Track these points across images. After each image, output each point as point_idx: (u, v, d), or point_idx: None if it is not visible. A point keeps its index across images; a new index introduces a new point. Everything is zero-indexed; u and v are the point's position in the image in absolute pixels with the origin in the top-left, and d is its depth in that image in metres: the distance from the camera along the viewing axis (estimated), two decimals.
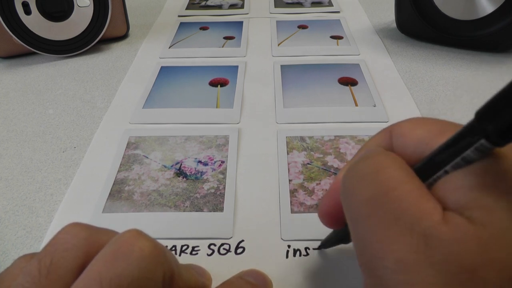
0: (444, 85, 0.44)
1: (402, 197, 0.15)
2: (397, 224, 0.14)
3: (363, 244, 0.15)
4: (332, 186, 0.20)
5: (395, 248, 0.14)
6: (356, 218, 0.16)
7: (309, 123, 0.38)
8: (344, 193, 0.17)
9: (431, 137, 0.17)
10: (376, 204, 0.15)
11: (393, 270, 0.14)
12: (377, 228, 0.15)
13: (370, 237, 0.15)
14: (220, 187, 0.31)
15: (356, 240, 0.16)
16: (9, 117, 0.41)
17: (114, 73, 0.48)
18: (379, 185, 0.15)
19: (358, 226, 0.16)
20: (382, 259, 0.14)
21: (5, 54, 0.50)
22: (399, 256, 0.14)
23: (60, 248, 0.17)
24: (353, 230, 0.16)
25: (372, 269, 0.15)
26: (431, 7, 0.48)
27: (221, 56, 0.50)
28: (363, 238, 0.15)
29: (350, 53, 0.50)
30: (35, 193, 0.32)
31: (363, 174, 0.16)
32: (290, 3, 0.64)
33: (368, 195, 0.15)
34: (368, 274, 0.15)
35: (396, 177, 0.15)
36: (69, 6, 0.48)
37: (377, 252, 0.14)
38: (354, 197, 0.16)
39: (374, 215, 0.15)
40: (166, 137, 0.36)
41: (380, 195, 0.15)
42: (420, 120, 0.18)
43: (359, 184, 0.16)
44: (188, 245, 0.27)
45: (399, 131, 0.18)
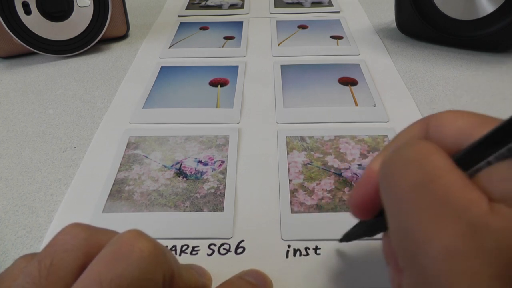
0: (444, 85, 0.44)
1: (449, 185, 0.14)
2: (444, 212, 0.14)
3: (405, 231, 0.15)
4: (365, 175, 0.20)
5: (441, 235, 0.14)
6: (399, 204, 0.16)
7: (309, 123, 0.38)
8: (386, 179, 0.17)
9: (472, 128, 0.17)
10: (422, 191, 0.15)
11: (438, 258, 0.13)
12: (423, 214, 0.14)
13: (414, 224, 0.15)
14: (220, 187, 0.31)
15: (396, 227, 0.16)
16: (9, 117, 0.41)
17: (114, 73, 0.48)
18: (425, 172, 0.15)
19: (402, 212, 0.15)
20: (427, 246, 0.14)
21: (5, 54, 0.50)
22: (446, 243, 0.13)
23: (60, 249, 0.17)
24: (394, 217, 0.16)
25: (414, 257, 0.14)
26: (431, 7, 0.48)
27: (221, 56, 0.50)
28: (406, 225, 0.15)
29: (350, 53, 0.50)
30: (35, 193, 0.32)
31: (408, 160, 0.16)
32: (290, 3, 0.64)
33: (414, 181, 0.15)
34: (407, 263, 0.15)
35: (441, 165, 0.15)
36: (69, 6, 0.48)
37: (421, 239, 0.14)
38: (398, 182, 0.16)
39: (420, 201, 0.15)
40: (166, 137, 0.36)
41: (427, 182, 0.15)
42: (459, 112, 0.18)
43: (404, 170, 0.16)
44: (188, 245, 0.27)
45: (437, 121, 0.18)
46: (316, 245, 0.27)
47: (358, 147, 0.35)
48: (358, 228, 0.23)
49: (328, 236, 0.27)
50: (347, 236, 0.25)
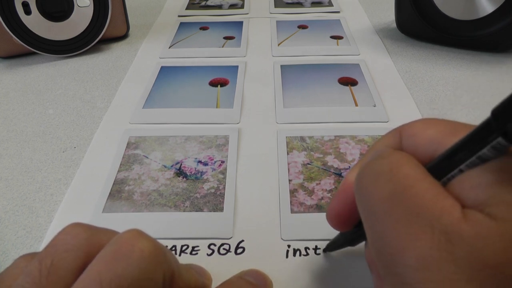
0: (444, 85, 0.44)
1: (420, 194, 0.15)
2: (416, 222, 0.14)
3: (381, 242, 0.15)
4: (341, 187, 0.20)
5: (416, 245, 0.14)
6: (374, 216, 0.16)
7: (309, 123, 0.38)
8: (360, 191, 0.17)
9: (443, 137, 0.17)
10: (394, 202, 0.15)
11: (414, 268, 0.14)
12: (397, 225, 0.15)
13: (389, 235, 0.15)
14: (220, 187, 0.31)
15: (373, 239, 0.16)
16: (9, 117, 0.41)
17: (114, 73, 0.48)
18: (396, 183, 0.15)
19: (376, 224, 0.15)
20: (402, 257, 0.14)
21: (5, 54, 0.50)
22: (420, 253, 0.14)
23: (61, 249, 0.17)
24: (370, 229, 0.16)
25: (391, 267, 0.15)
26: (431, 7, 0.48)
27: (221, 56, 0.50)
28: (381, 236, 0.15)
29: (350, 53, 0.50)
30: (35, 193, 0.32)
31: (379, 172, 0.16)
32: (290, 3, 0.64)
33: (386, 193, 0.15)
34: (386, 272, 0.15)
35: (412, 175, 0.15)
36: (69, 6, 0.48)
37: (397, 249, 0.14)
38: (371, 195, 0.16)
39: (393, 213, 0.15)
40: (166, 137, 0.36)
41: (398, 192, 0.15)
42: (430, 120, 0.18)
43: (376, 183, 0.16)
44: (188, 245, 0.27)
45: (409, 131, 0.18)
46: (316, 245, 0.27)
47: (358, 147, 0.35)
48: (339, 238, 0.24)
49: (328, 236, 0.27)
50: (330, 246, 0.25)
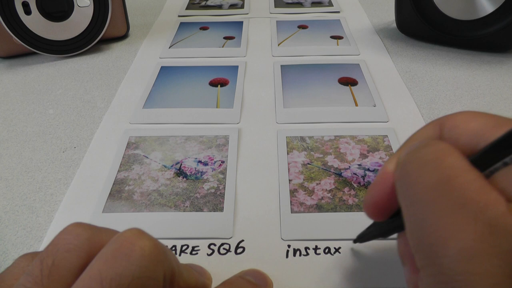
0: (444, 85, 0.44)
1: (466, 185, 0.14)
2: (461, 212, 0.14)
3: (423, 231, 0.15)
4: (380, 177, 0.20)
5: (459, 236, 0.14)
6: (417, 204, 0.16)
7: (309, 123, 0.38)
8: (402, 179, 0.17)
9: (486, 130, 0.17)
10: (439, 191, 0.15)
11: (456, 259, 0.14)
12: (441, 215, 0.14)
13: (432, 224, 0.15)
14: (220, 187, 0.31)
15: (414, 228, 0.16)
16: (9, 117, 0.41)
17: (114, 73, 0.48)
18: (442, 172, 0.15)
19: (419, 213, 0.15)
20: (444, 247, 0.14)
21: (5, 54, 0.50)
22: (463, 244, 0.14)
23: (62, 248, 0.17)
24: (412, 217, 0.16)
25: (432, 257, 0.15)
26: (431, 7, 0.48)
27: (221, 56, 0.50)
28: (424, 225, 0.15)
29: (350, 53, 0.50)
30: (35, 193, 0.32)
31: (425, 160, 0.16)
32: (290, 3, 0.64)
33: (431, 182, 0.15)
34: (425, 263, 0.15)
35: (458, 165, 0.15)
36: (69, 6, 0.48)
37: (439, 239, 0.14)
38: (415, 183, 0.16)
39: (437, 202, 0.15)
40: (166, 137, 0.36)
41: (444, 182, 0.15)
42: (473, 113, 0.18)
43: (421, 171, 0.16)
44: (188, 245, 0.27)
45: (451, 123, 0.18)
46: (316, 245, 0.27)
47: (358, 147, 0.35)
48: (372, 229, 0.23)
49: (328, 236, 0.27)
50: (361, 237, 0.25)
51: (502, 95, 0.42)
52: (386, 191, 0.19)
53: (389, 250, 0.26)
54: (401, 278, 0.25)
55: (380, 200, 0.20)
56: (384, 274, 0.25)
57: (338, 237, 0.27)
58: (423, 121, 0.38)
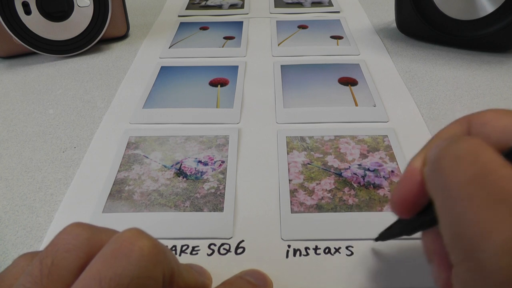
0: (444, 85, 0.44)
1: (504, 179, 0.15)
2: (501, 206, 0.14)
3: (460, 226, 0.15)
4: (406, 174, 0.20)
5: (500, 229, 0.14)
6: (453, 199, 0.16)
7: (309, 123, 0.38)
8: (436, 173, 0.17)
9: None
10: (478, 185, 0.15)
11: (497, 253, 0.13)
12: (480, 209, 0.14)
13: (470, 218, 0.15)
14: (220, 187, 0.31)
15: (451, 222, 0.16)
16: (9, 117, 0.41)
17: (114, 73, 0.48)
18: (480, 166, 0.15)
19: (456, 207, 0.15)
20: (484, 241, 0.14)
21: (5, 54, 0.50)
22: (504, 237, 0.13)
23: (62, 248, 0.17)
24: (448, 212, 0.16)
25: (471, 251, 0.14)
26: (431, 7, 0.48)
27: (221, 56, 0.50)
28: (461, 220, 0.15)
29: (350, 53, 0.50)
30: (35, 193, 0.32)
31: (461, 155, 0.16)
32: (290, 3, 0.64)
33: (468, 176, 0.15)
34: (463, 258, 0.15)
35: (495, 160, 0.15)
36: (69, 6, 0.48)
37: (479, 233, 0.14)
38: (452, 178, 0.16)
39: (476, 196, 0.15)
40: (166, 137, 0.36)
41: (482, 176, 0.15)
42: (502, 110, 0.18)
43: (457, 165, 0.16)
44: (188, 245, 0.27)
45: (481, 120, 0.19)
46: (316, 245, 0.27)
47: (358, 147, 0.35)
48: (395, 227, 0.23)
49: (328, 236, 0.27)
50: (383, 235, 0.25)
51: (502, 95, 0.42)
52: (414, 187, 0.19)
53: (389, 250, 0.26)
54: (401, 277, 0.25)
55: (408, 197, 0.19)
56: (385, 274, 0.25)
57: (338, 237, 0.27)
58: (423, 121, 0.38)
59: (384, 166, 0.32)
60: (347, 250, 0.26)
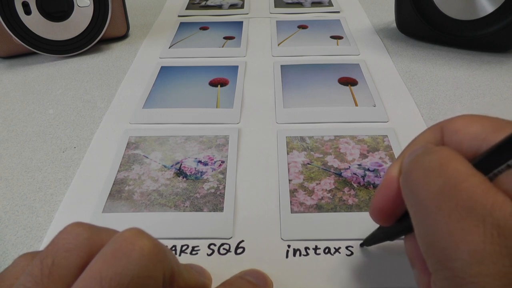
0: (444, 85, 0.44)
1: (472, 189, 0.15)
2: (469, 216, 0.14)
3: (433, 237, 0.15)
4: (384, 183, 0.20)
5: (469, 239, 0.14)
6: (424, 210, 0.16)
7: (309, 123, 0.38)
8: (409, 186, 0.17)
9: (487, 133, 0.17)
10: (446, 196, 0.15)
11: (468, 262, 0.14)
12: (449, 220, 0.15)
13: (441, 229, 0.15)
14: (220, 187, 0.31)
15: (424, 233, 0.16)
16: (9, 117, 0.41)
17: (114, 73, 0.48)
18: (447, 178, 0.15)
19: (428, 219, 0.16)
20: (455, 251, 0.14)
21: (5, 54, 0.50)
22: (474, 247, 0.14)
23: (62, 248, 0.17)
24: (420, 223, 0.16)
25: (444, 261, 0.15)
26: (431, 7, 0.48)
27: (221, 56, 0.50)
28: (433, 230, 0.15)
29: (350, 53, 0.50)
30: (35, 193, 0.32)
31: (429, 167, 0.16)
32: (290, 3, 0.64)
33: (437, 188, 0.16)
34: (438, 267, 0.15)
35: (463, 170, 0.15)
36: (69, 6, 0.48)
37: (449, 243, 0.14)
38: (422, 190, 0.16)
39: (444, 207, 0.15)
40: (166, 137, 0.36)
41: (449, 187, 0.15)
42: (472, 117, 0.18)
43: (426, 177, 0.16)
44: (188, 245, 0.27)
45: (452, 127, 0.19)
46: (316, 245, 0.27)
47: (358, 147, 0.35)
48: (379, 232, 0.24)
49: (328, 236, 0.27)
50: (368, 241, 0.25)
51: (502, 95, 0.42)
52: (391, 196, 0.19)
53: (389, 250, 0.26)
54: (401, 277, 0.25)
55: (386, 206, 0.20)
56: (384, 273, 0.25)
57: (338, 237, 0.27)
58: (423, 121, 0.38)
59: (384, 166, 0.33)
60: (347, 250, 0.26)
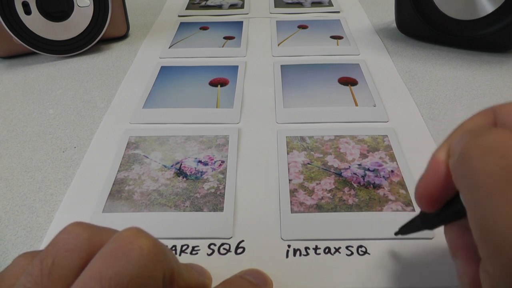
0: (444, 85, 0.44)
1: None
2: None
3: (491, 221, 0.15)
4: (431, 166, 0.19)
5: None
6: (484, 193, 0.15)
7: (309, 123, 0.38)
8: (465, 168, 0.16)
9: None
10: (508, 179, 0.14)
11: None
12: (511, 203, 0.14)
13: (502, 213, 0.14)
14: (220, 187, 0.31)
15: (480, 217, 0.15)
16: (9, 117, 0.41)
17: (114, 73, 0.48)
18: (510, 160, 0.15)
19: (486, 202, 0.15)
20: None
21: (5, 54, 0.50)
22: None
23: (62, 248, 0.17)
24: (477, 207, 0.15)
25: (502, 247, 0.14)
26: (431, 7, 0.48)
27: (221, 56, 0.50)
28: (492, 214, 0.15)
29: (350, 53, 0.50)
30: (35, 193, 0.32)
31: (490, 148, 0.16)
32: (290, 3, 0.64)
33: (499, 169, 0.15)
34: (493, 253, 0.15)
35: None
36: (69, 6, 0.48)
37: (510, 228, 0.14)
38: (481, 171, 0.15)
39: (506, 190, 0.14)
40: (166, 137, 0.36)
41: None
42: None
43: (487, 158, 0.15)
44: (188, 245, 0.27)
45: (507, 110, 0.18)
46: (316, 245, 0.27)
47: (358, 147, 0.35)
48: (417, 220, 0.23)
49: (328, 236, 0.27)
50: (404, 229, 0.24)
51: (502, 95, 0.42)
52: (439, 180, 0.19)
53: (389, 250, 0.26)
54: (401, 277, 0.25)
55: (433, 190, 0.19)
56: (385, 273, 0.25)
57: (338, 237, 0.27)
58: (423, 121, 0.38)
59: (384, 166, 0.33)
60: (347, 250, 0.26)
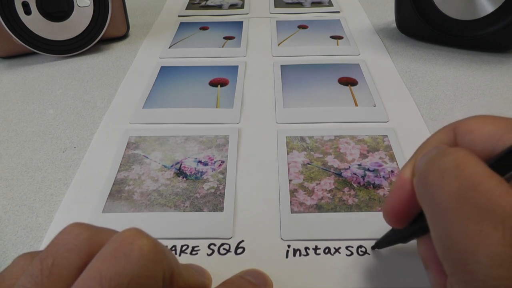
0: (444, 85, 0.44)
1: (490, 191, 0.15)
2: (487, 219, 0.14)
3: (450, 239, 0.15)
4: (397, 184, 0.20)
5: (488, 242, 0.14)
6: (441, 213, 0.16)
7: (309, 123, 0.38)
8: (425, 188, 0.17)
9: (501, 134, 0.17)
10: (463, 199, 0.15)
11: (487, 265, 0.14)
12: (467, 222, 0.15)
13: (459, 232, 0.15)
14: (220, 187, 0.31)
15: (440, 236, 0.16)
16: (9, 117, 0.41)
17: (114, 73, 0.48)
18: (464, 180, 0.15)
19: (445, 221, 0.15)
20: (474, 254, 0.14)
21: (5, 54, 0.50)
22: (493, 250, 0.14)
23: (62, 248, 0.17)
24: (437, 226, 0.16)
25: (461, 264, 0.15)
26: (431, 7, 0.48)
27: (221, 56, 0.50)
28: (450, 233, 0.15)
29: (350, 53, 0.50)
30: (35, 193, 0.32)
31: (445, 169, 0.16)
32: (290, 3, 0.64)
33: (454, 190, 0.15)
34: (455, 270, 0.15)
35: (479, 172, 0.15)
36: (69, 6, 0.48)
37: (468, 247, 0.14)
38: (438, 192, 0.16)
39: (462, 210, 0.15)
40: (166, 137, 0.36)
41: (467, 189, 0.15)
42: (486, 117, 0.18)
43: (443, 179, 0.16)
44: (188, 245, 0.27)
45: (466, 128, 0.18)
46: (316, 245, 0.27)
47: (358, 147, 0.35)
48: (391, 235, 0.23)
49: (328, 236, 0.27)
50: (380, 243, 0.25)
51: (502, 95, 0.42)
52: (405, 198, 0.19)
53: (389, 250, 0.26)
54: (401, 277, 0.25)
55: (399, 208, 0.20)
56: (385, 274, 0.25)
57: (338, 237, 0.27)
58: (423, 121, 0.38)
59: (384, 166, 0.32)
60: (347, 250, 0.26)
